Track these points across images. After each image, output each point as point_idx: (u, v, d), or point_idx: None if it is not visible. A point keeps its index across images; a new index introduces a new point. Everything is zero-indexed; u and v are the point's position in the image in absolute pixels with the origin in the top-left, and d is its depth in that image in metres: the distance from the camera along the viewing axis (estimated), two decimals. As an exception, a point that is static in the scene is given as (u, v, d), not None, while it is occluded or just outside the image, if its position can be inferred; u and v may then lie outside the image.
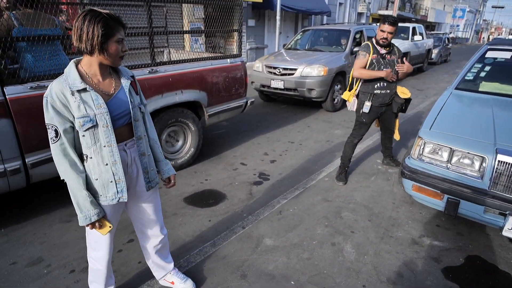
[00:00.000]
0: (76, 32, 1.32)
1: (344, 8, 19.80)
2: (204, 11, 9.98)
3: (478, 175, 2.20)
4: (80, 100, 1.36)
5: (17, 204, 2.99)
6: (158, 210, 1.82)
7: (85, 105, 1.37)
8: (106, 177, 1.48)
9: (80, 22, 1.30)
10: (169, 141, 3.66)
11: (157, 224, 1.83)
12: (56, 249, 2.41)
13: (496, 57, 3.39)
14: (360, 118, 3.33)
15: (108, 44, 1.35)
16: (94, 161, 1.45)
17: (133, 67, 3.05)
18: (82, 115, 1.36)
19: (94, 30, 1.30)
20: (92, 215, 1.44)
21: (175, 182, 1.83)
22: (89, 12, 1.31)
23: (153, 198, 1.77)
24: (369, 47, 3.15)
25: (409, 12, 26.81)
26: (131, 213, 1.77)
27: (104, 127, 1.42)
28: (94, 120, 1.39)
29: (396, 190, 3.34)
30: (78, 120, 1.37)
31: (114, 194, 1.51)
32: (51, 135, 1.37)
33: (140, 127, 1.58)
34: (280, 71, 6.17)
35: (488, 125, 2.43)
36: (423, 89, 8.84)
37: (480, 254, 2.42)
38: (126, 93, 1.51)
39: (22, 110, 2.41)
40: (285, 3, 12.01)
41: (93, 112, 1.38)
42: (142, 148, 1.60)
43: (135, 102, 1.55)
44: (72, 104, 1.35)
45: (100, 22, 1.31)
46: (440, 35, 16.10)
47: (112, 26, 1.34)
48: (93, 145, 1.43)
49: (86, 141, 1.42)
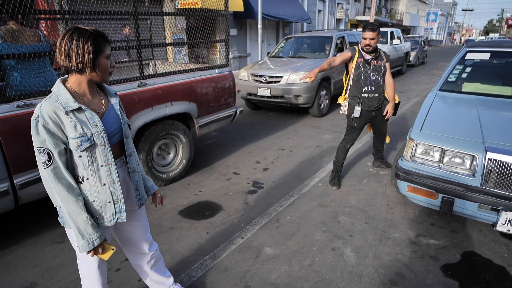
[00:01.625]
0: (63, 51, 1.27)
1: (323, 15, 20.23)
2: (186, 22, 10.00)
3: (470, 173, 2.27)
4: (76, 119, 1.32)
5: (5, 227, 2.87)
6: (147, 227, 1.79)
7: (81, 124, 1.33)
8: (104, 198, 1.43)
9: (68, 40, 1.27)
10: (161, 154, 3.61)
11: (147, 241, 1.79)
12: (50, 272, 2.32)
13: (475, 58, 3.53)
14: (351, 123, 3.39)
15: (98, 61, 1.33)
16: (91, 182, 1.40)
17: (121, 81, 3.01)
18: (79, 135, 1.32)
19: (85, 48, 1.27)
20: (94, 239, 1.37)
21: (162, 196, 1.76)
22: (76, 30, 1.28)
23: (143, 215, 1.74)
24: (355, 50, 3.27)
25: (385, 17, 27.63)
26: (121, 234, 1.71)
27: (101, 146, 1.39)
28: (91, 139, 1.35)
29: (389, 191, 3.39)
30: (75, 141, 1.32)
31: (112, 215, 1.47)
32: (43, 160, 1.29)
33: (130, 144, 1.57)
34: (266, 79, 6.22)
35: (475, 124, 2.52)
36: (405, 91, 9.08)
37: (475, 250, 2.48)
38: (117, 110, 1.49)
39: (9, 130, 2.33)
40: (266, 12, 12.17)
41: (90, 131, 1.35)
42: (133, 165, 1.57)
43: (125, 119, 1.53)
44: (67, 125, 1.31)
45: (89, 39, 1.28)
46: (417, 38, 16.66)
47: (100, 42, 1.32)
48: (90, 165, 1.38)
49: (83, 161, 1.37)
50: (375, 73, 3.24)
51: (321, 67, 3.36)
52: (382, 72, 3.28)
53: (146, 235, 1.77)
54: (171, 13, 3.87)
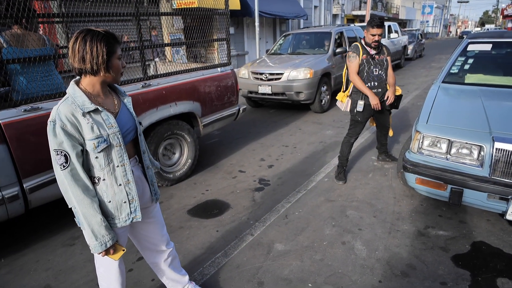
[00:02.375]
0: (77, 53, 1.28)
1: (319, 10, 20.20)
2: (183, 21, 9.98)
3: (478, 163, 2.28)
4: (93, 121, 1.33)
5: (16, 231, 2.88)
6: (163, 224, 1.80)
7: (98, 125, 1.34)
8: (120, 198, 1.45)
9: (81, 43, 1.28)
10: (166, 154, 3.62)
11: (164, 237, 1.81)
12: (63, 274, 2.33)
13: (477, 49, 3.54)
14: (354, 117, 3.40)
15: (112, 62, 1.35)
16: (107, 183, 1.41)
17: (126, 82, 3.01)
18: (96, 136, 1.33)
19: (98, 49, 1.29)
20: (107, 240, 1.38)
21: None
22: (89, 32, 1.29)
23: (157, 212, 1.76)
24: (358, 48, 3.22)
25: (381, 11, 27.61)
26: (137, 233, 1.73)
27: (117, 147, 1.41)
28: (108, 140, 1.37)
29: (395, 184, 3.41)
30: (92, 142, 1.33)
31: (128, 214, 1.48)
32: (60, 162, 1.29)
33: (143, 141, 1.61)
34: (266, 76, 6.22)
35: (480, 115, 2.53)
36: (404, 85, 9.10)
37: (484, 240, 2.50)
38: (130, 109, 1.53)
39: (17, 134, 2.33)
40: (262, 9, 12.15)
41: (106, 132, 1.36)
42: (147, 162, 1.62)
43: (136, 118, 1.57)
44: (84, 126, 1.32)
45: (103, 41, 1.30)
46: (413, 31, 16.66)
47: (112, 43, 1.34)
48: (107, 166, 1.39)
49: (100, 162, 1.38)
50: (377, 68, 3.25)
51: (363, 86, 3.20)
52: (384, 66, 3.29)
53: (162, 232, 1.79)
54: (169, 13, 3.88)
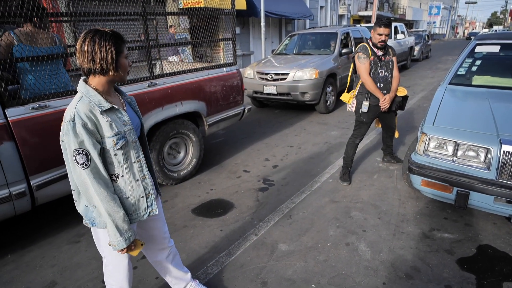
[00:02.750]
0: (86, 54, 1.29)
1: (325, 11, 20.15)
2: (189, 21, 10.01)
3: (485, 166, 2.26)
4: (111, 119, 1.36)
5: (22, 228, 2.91)
6: (164, 221, 1.82)
7: (115, 123, 1.37)
8: (138, 193, 1.48)
9: (90, 43, 1.29)
10: (171, 153, 3.63)
11: (165, 234, 1.82)
12: (68, 271, 2.35)
13: (485, 51, 3.51)
14: (359, 118, 3.39)
15: (120, 61, 1.36)
16: (126, 179, 1.43)
17: (132, 81, 3.03)
18: (115, 133, 1.35)
19: (107, 49, 1.30)
20: (130, 235, 1.40)
21: None
22: (97, 33, 1.30)
23: (160, 208, 1.78)
24: (367, 49, 3.19)
25: (387, 12, 27.46)
26: (142, 231, 1.73)
27: (133, 143, 1.45)
28: (125, 137, 1.40)
29: (400, 186, 3.39)
30: (112, 139, 1.35)
31: (145, 209, 1.52)
32: (82, 161, 1.29)
33: (145, 138, 1.64)
34: (272, 76, 6.22)
35: (487, 117, 2.51)
36: (410, 86, 9.04)
37: (490, 243, 2.47)
38: (135, 107, 1.57)
39: (25, 132, 2.36)
40: (268, 9, 12.15)
41: (123, 129, 1.39)
42: (150, 159, 1.65)
43: (141, 118, 1.59)
44: (103, 124, 1.33)
45: (111, 41, 1.31)
46: (420, 32, 16.55)
47: (119, 43, 1.35)
48: (125, 162, 1.42)
49: (118, 159, 1.40)
50: (383, 70, 3.23)
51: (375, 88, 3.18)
52: (390, 67, 3.27)
53: (164, 229, 1.80)
54: (175, 13, 3.90)
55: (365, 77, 3.20)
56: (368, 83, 3.20)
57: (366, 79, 3.20)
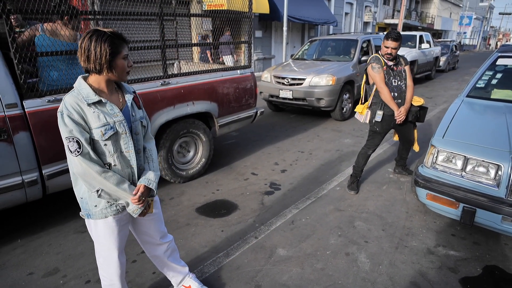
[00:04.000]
0: (83, 53, 1.35)
1: (350, 17, 19.95)
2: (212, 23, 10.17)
3: (494, 183, 2.18)
4: (99, 110, 1.41)
5: (33, 214, 3.04)
6: (161, 220, 1.85)
7: (104, 114, 1.42)
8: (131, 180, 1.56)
9: (87, 43, 1.34)
10: (181, 151, 3.70)
11: (162, 233, 1.86)
12: (71, 259, 2.43)
13: (507, 64, 3.37)
14: (373, 127, 3.32)
15: (115, 62, 1.40)
16: (119, 167, 1.50)
17: (145, 79, 3.12)
18: (103, 124, 1.41)
19: (102, 50, 1.34)
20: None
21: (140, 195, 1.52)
22: (94, 33, 1.35)
23: (157, 209, 1.79)
24: (379, 59, 3.15)
25: (415, 21, 26.85)
26: (137, 228, 1.78)
27: (123, 134, 1.48)
28: (114, 127, 1.44)
29: (409, 199, 3.30)
30: (99, 130, 1.40)
31: None
32: (73, 148, 1.35)
33: (140, 141, 1.61)
34: (288, 81, 6.21)
35: (502, 132, 2.41)
36: (432, 97, 8.79)
37: (498, 264, 2.37)
38: (129, 107, 1.56)
39: (40, 123, 2.47)
40: (291, 14, 12.16)
41: (113, 120, 1.44)
42: (140, 161, 1.61)
43: (137, 116, 1.58)
44: (89, 115, 1.39)
45: (106, 41, 1.35)
46: (448, 42, 16.07)
47: (117, 44, 1.39)
48: (116, 152, 1.48)
49: (109, 149, 1.46)
50: (397, 79, 3.17)
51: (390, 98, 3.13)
52: (404, 76, 3.21)
53: (161, 228, 1.84)
54: (196, 14, 3.96)
55: (381, 85, 3.13)
56: (384, 92, 3.13)
57: (383, 88, 3.13)
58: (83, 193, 1.50)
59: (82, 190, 1.50)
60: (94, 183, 1.42)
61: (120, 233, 1.62)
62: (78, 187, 1.52)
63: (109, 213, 1.52)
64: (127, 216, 1.61)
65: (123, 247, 1.69)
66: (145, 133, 1.66)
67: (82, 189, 1.50)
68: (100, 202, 1.50)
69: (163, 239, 1.86)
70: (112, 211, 1.52)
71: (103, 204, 1.51)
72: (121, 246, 1.65)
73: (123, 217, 1.60)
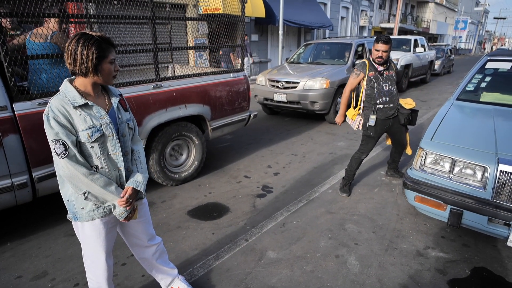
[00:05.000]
0: (70, 55, 1.36)
1: (346, 21, 20.09)
2: (208, 26, 10.21)
3: (481, 185, 2.20)
4: (85, 113, 1.41)
5: (23, 217, 3.03)
6: (149, 223, 1.84)
7: (90, 117, 1.42)
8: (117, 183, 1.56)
9: (74, 45, 1.35)
10: (173, 154, 3.70)
11: (150, 236, 1.86)
12: (60, 262, 2.42)
13: (496, 67, 3.42)
14: (366, 132, 3.34)
15: (101, 66, 1.41)
16: (106, 170, 1.50)
17: (137, 82, 3.13)
18: (89, 126, 1.41)
19: (88, 53, 1.35)
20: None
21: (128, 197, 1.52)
22: (82, 36, 1.36)
23: (145, 212, 1.79)
24: (365, 66, 3.19)
25: (410, 25, 27.06)
26: (125, 231, 1.78)
27: (110, 136, 1.49)
28: (101, 130, 1.45)
29: (400, 201, 3.32)
30: (86, 132, 1.41)
31: None
32: (59, 150, 1.36)
33: (127, 143, 1.61)
34: (283, 84, 6.24)
35: (489, 135, 2.44)
36: (427, 100, 8.86)
37: (487, 266, 2.38)
38: (115, 109, 1.56)
39: (30, 126, 2.47)
40: (287, 18, 12.23)
41: (99, 123, 1.44)
42: (128, 163, 1.61)
43: (123, 118, 1.58)
44: (76, 118, 1.39)
45: (93, 45, 1.36)
46: (443, 46, 16.21)
47: (104, 48, 1.40)
48: (102, 154, 1.48)
49: (95, 151, 1.46)
50: (388, 84, 3.20)
51: (344, 104, 3.45)
52: (394, 81, 3.24)
53: (149, 231, 1.84)
54: (191, 18, 4.02)
55: (346, 89, 3.38)
56: (344, 94, 3.39)
57: (345, 91, 3.38)
58: (70, 196, 1.50)
59: (69, 193, 1.50)
60: (80, 185, 1.42)
61: (108, 235, 1.62)
62: (65, 189, 1.52)
63: (96, 216, 1.52)
64: (115, 218, 1.61)
65: (110, 250, 1.68)
66: (132, 135, 1.67)
67: (68, 192, 1.50)
68: (87, 204, 1.50)
69: (151, 241, 1.86)
70: (99, 213, 1.52)
71: (90, 206, 1.51)
72: (108, 248, 1.64)
73: (111, 219, 1.60)
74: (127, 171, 1.60)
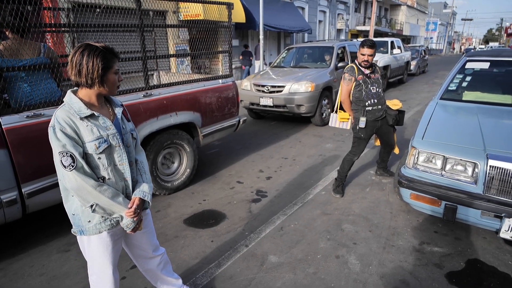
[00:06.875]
0: (74, 67, 1.34)
1: (323, 25, 20.49)
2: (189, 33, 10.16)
3: (472, 180, 2.29)
4: (92, 124, 1.39)
5: (12, 235, 2.90)
6: (153, 233, 1.83)
7: (97, 128, 1.40)
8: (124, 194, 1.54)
9: (79, 57, 1.33)
10: (165, 163, 3.65)
11: (154, 246, 1.84)
12: (56, 280, 2.34)
13: (475, 67, 3.58)
14: (357, 134, 3.41)
15: (107, 76, 1.40)
16: (113, 180, 1.47)
17: (127, 91, 3.08)
18: (97, 137, 1.39)
19: (94, 64, 1.34)
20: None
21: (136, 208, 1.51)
22: (87, 47, 1.34)
23: (148, 222, 1.78)
24: (354, 70, 3.26)
25: (385, 27, 27.92)
26: (129, 242, 1.75)
27: (117, 147, 1.47)
28: (108, 140, 1.43)
29: (392, 199, 3.41)
30: (93, 143, 1.38)
31: None
32: (67, 162, 1.32)
33: (132, 153, 1.60)
34: (268, 88, 6.29)
35: (476, 132, 2.55)
36: (406, 100, 9.14)
37: (479, 257, 2.48)
38: (119, 120, 1.55)
39: (19, 140, 2.38)
40: (267, 23, 12.35)
41: (106, 133, 1.43)
42: (133, 174, 1.60)
43: (127, 128, 1.58)
44: (82, 129, 1.37)
45: (99, 56, 1.35)
46: (417, 47, 16.81)
47: (109, 58, 1.39)
48: (109, 165, 1.46)
49: (103, 162, 1.43)
50: (375, 86, 3.29)
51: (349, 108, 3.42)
52: (380, 84, 3.34)
53: (153, 241, 1.81)
54: (174, 25, 4.00)
55: (344, 97, 3.37)
56: (345, 103, 3.39)
57: (345, 100, 3.37)
58: (75, 209, 1.46)
59: (74, 206, 1.46)
60: (88, 197, 1.39)
61: (114, 248, 1.59)
62: (70, 203, 1.47)
63: (104, 228, 1.49)
64: (121, 230, 1.58)
65: (116, 263, 1.65)
66: (135, 145, 1.65)
67: (74, 205, 1.46)
68: (94, 217, 1.47)
69: (155, 252, 1.83)
70: (106, 225, 1.49)
71: (97, 219, 1.48)
72: (115, 261, 1.61)
73: (117, 231, 1.57)
74: (133, 182, 1.58)
